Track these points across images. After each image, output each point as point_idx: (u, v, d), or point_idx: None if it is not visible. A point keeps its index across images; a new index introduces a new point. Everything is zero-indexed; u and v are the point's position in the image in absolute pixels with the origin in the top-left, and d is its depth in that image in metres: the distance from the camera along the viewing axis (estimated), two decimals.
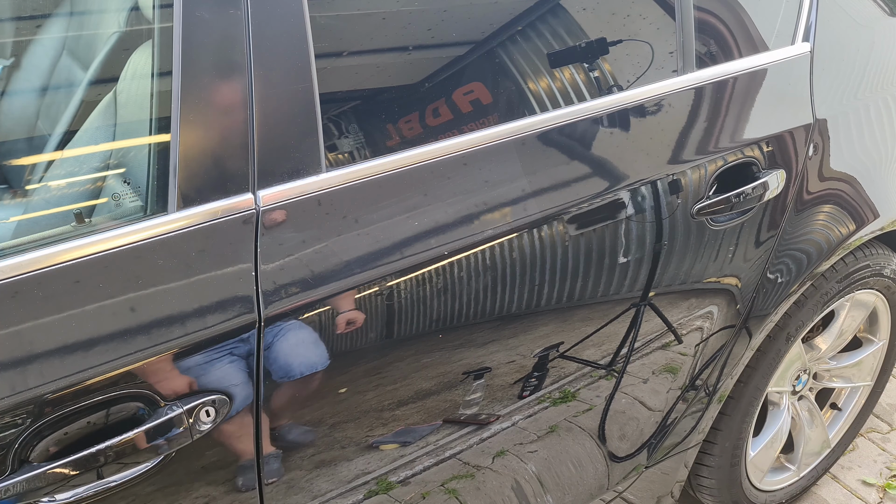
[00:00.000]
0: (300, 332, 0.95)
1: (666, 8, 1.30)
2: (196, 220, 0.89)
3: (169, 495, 0.91)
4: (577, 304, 1.22)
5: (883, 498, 2.10)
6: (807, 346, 1.86)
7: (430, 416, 1.13)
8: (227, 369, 0.91)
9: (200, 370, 0.89)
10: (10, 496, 0.80)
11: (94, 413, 0.84)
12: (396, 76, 1.09)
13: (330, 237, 0.97)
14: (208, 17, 0.90)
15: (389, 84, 1.08)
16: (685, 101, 1.29)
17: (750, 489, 1.89)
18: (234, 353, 0.91)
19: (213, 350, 0.89)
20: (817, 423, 1.96)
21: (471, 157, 1.08)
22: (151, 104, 0.95)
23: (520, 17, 1.16)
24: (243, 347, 0.91)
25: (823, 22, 1.49)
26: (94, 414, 0.84)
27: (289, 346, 0.95)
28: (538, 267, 1.15)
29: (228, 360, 0.90)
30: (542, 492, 1.38)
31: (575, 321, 1.23)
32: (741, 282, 1.46)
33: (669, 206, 1.28)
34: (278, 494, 1.02)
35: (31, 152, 1.42)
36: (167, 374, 0.87)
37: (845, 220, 1.59)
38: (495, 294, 1.11)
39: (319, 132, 0.96)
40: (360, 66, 1.05)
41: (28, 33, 1.57)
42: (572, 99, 1.18)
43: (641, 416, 1.47)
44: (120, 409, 0.86)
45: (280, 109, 0.94)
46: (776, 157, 1.41)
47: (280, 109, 0.94)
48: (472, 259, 1.07)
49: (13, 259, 0.81)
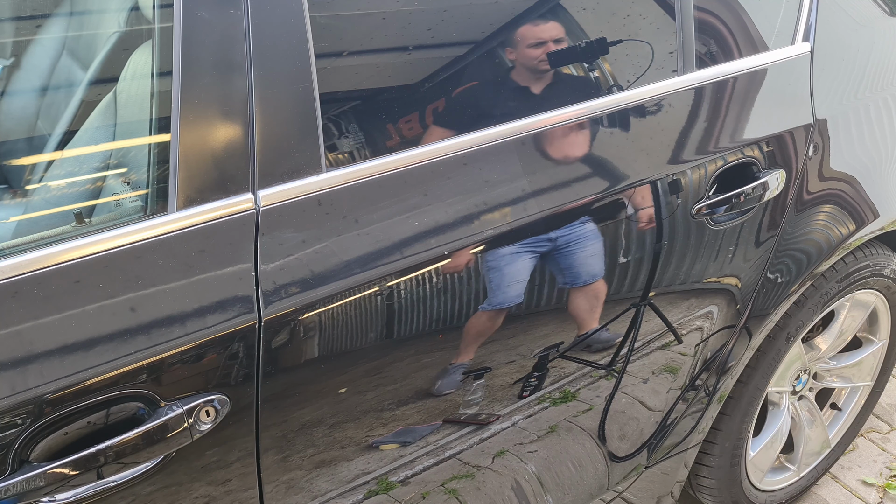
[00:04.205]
0: (300, 331, 0.95)
1: (666, 8, 1.30)
2: (196, 220, 0.89)
3: (169, 495, 0.91)
4: (578, 304, 1.22)
5: (883, 498, 2.10)
6: (807, 346, 1.86)
7: (430, 416, 1.13)
8: (227, 369, 0.91)
9: (200, 370, 0.89)
10: (10, 496, 0.80)
11: (94, 413, 0.84)
12: (396, 76, 1.09)
13: (330, 237, 0.97)
14: (208, 17, 0.90)
15: (389, 84, 1.08)
16: (685, 101, 1.29)
17: (750, 489, 1.90)
18: (234, 353, 0.91)
19: (213, 350, 0.89)
20: (817, 423, 1.96)
21: (471, 157, 1.08)
22: (151, 104, 0.95)
23: (520, 18, 1.16)
24: (243, 347, 0.91)
25: (823, 22, 1.49)
26: (94, 414, 0.84)
27: (289, 346, 0.95)
28: (538, 267, 1.15)
29: (228, 360, 0.90)
30: (542, 492, 1.38)
31: (575, 321, 1.23)
32: (741, 282, 1.46)
33: (669, 206, 1.28)
34: (278, 494, 1.02)
35: (31, 152, 1.42)
36: (167, 374, 0.87)
37: (845, 220, 1.59)
38: (495, 294, 1.11)
39: (319, 132, 0.96)
40: (360, 66, 1.05)
41: (28, 33, 1.57)
42: (572, 99, 1.18)
43: (641, 416, 1.47)
44: (120, 409, 0.86)
45: (280, 109, 0.94)
46: (776, 156, 1.41)
47: (280, 109, 0.94)
48: (472, 259, 1.07)
49: (13, 259, 0.81)
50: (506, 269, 1.11)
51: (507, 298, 1.12)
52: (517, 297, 1.13)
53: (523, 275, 1.13)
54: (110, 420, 0.85)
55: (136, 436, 0.85)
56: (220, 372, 0.90)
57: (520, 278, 1.13)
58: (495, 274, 1.10)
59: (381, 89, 1.07)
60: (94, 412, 0.84)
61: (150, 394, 0.86)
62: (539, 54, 1.17)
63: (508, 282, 1.12)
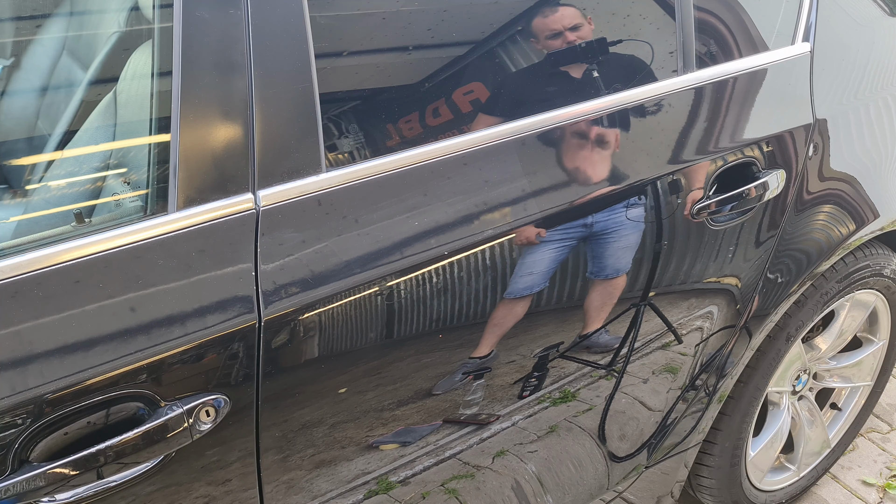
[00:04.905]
0: (300, 331, 0.95)
1: (666, 8, 1.30)
2: (196, 220, 0.89)
3: (169, 495, 0.91)
4: (578, 304, 1.22)
5: (883, 498, 2.10)
6: (807, 346, 1.86)
7: (430, 416, 1.13)
8: (227, 369, 0.91)
9: (200, 370, 0.89)
10: (10, 496, 0.80)
11: (94, 413, 0.84)
12: (396, 76, 1.09)
13: (330, 237, 0.97)
14: (208, 17, 0.90)
15: (389, 84, 1.08)
16: (685, 101, 1.29)
17: (750, 489, 1.89)
18: (234, 353, 0.91)
19: (213, 350, 0.89)
20: (817, 423, 1.96)
21: (471, 157, 1.08)
22: (151, 104, 0.95)
23: (520, 17, 1.16)
24: (243, 347, 0.91)
25: (823, 22, 1.49)
26: (94, 414, 0.84)
27: (289, 346, 0.95)
28: (538, 267, 1.15)
29: (228, 360, 0.90)
30: (542, 492, 1.38)
31: (575, 321, 1.23)
32: (741, 282, 1.46)
33: (669, 206, 1.28)
34: (278, 494, 1.02)
35: (31, 152, 1.42)
36: (167, 374, 0.87)
37: (845, 220, 1.59)
38: (495, 294, 1.11)
39: (319, 132, 0.96)
40: (360, 66, 1.05)
41: (28, 33, 1.57)
42: (572, 99, 1.18)
43: (641, 416, 1.47)
44: (120, 409, 0.86)
45: (280, 109, 0.94)
46: (776, 157, 1.41)
47: (280, 109, 0.94)
48: (472, 259, 1.07)
49: (13, 259, 0.81)
50: (514, 265, 1.11)
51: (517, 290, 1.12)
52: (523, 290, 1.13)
53: (524, 271, 1.13)
54: (110, 420, 0.85)
55: (136, 436, 0.85)
56: (220, 372, 0.90)
57: (524, 274, 1.13)
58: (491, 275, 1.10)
59: (381, 89, 1.07)
60: (94, 412, 0.84)
61: (150, 394, 0.86)
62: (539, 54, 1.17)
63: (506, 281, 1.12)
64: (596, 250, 1.21)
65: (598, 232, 1.20)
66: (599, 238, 1.20)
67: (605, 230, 1.21)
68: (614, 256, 1.23)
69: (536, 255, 1.14)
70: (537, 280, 1.15)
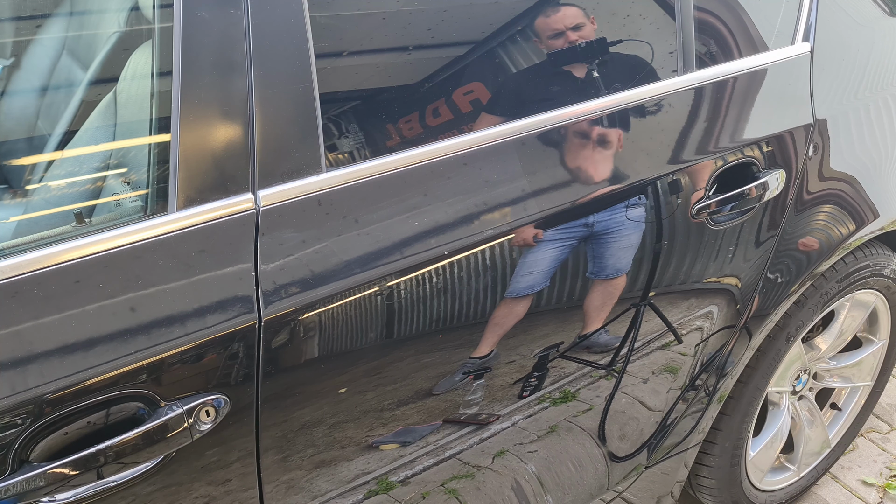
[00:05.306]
0: (300, 331, 0.95)
1: (666, 8, 1.30)
2: (196, 220, 0.89)
3: (169, 495, 0.91)
4: (578, 304, 1.22)
5: (883, 498, 2.10)
6: (807, 346, 1.86)
7: (430, 416, 1.13)
8: (227, 369, 0.91)
9: (200, 370, 0.89)
10: (10, 496, 0.80)
11: (94, 413, 0.84)
12: (396, 76, 1.09)
13: (330, 237, 0.97)
14: (208, 17, 0.90)
15: (389, 84, 1.08)
16: (685, 101, 1.29)
17: (750, 489, 1.89)
18: (234, 353, 0.91)
19: (212, 350, 0.89)
20: (817, 423, 1.96)
21: (471, 157, 1.08)
22: (151, 104, 0.95)
23: (519, 17, 1.16)
24: (243, 347, 0.91)
25: (823, 22, 1.49)
26: (94, 414, 0.84)
27: (289, 346, 0.95)
28: (538, 267, 1.15)
29: (228, 360, 0.90)
30: (542, 492, 1.38)
31: (575, 321, 1.23)
32: (741, 282, 1.46)
33: (669, 206, 1.28)
34: (278, 494, 1.02)
35: (31, 152, 1.42)
36: (167, 374, 0.87)
37: (845, 220, 1.59)
38: (495, 294, 1.11)
39: (319, 132, 0.96)
40: (360, 66, 1.05)
41: (28, 33, 1.57)
42: (572, 99, 1.18)
43: (641, 416, 1.47)
44: (120, 409, 0.86)
45: (280, 109, 0.94)
46: (776, 157, 1.41)
47: (280, 109, 0.94)
48: (472, 259, 1.07)
49: (13, 259, 0.81)
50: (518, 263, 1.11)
51: (519, 289, 1.12)
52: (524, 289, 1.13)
53: (525, 270, 1.13)
54: (110, 420, 0.85)
55: (136, 436, 0.85)
56: (219, 372, 0.90)
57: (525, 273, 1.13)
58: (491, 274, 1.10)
59: (381, 89, 1.07)
60: (94, 412, 0.84)
61: (150, 394, 0.86)
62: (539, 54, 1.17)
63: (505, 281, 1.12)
64: (596, 250, 1.21)
65: (599, 232, 1.20)
66: (599, 238, 1.20)
67: (606, 230, 1.21)
68: (614, 256, 1.23)
69: (537, 255, 1.14)
70: (538, 280, 1.15)
